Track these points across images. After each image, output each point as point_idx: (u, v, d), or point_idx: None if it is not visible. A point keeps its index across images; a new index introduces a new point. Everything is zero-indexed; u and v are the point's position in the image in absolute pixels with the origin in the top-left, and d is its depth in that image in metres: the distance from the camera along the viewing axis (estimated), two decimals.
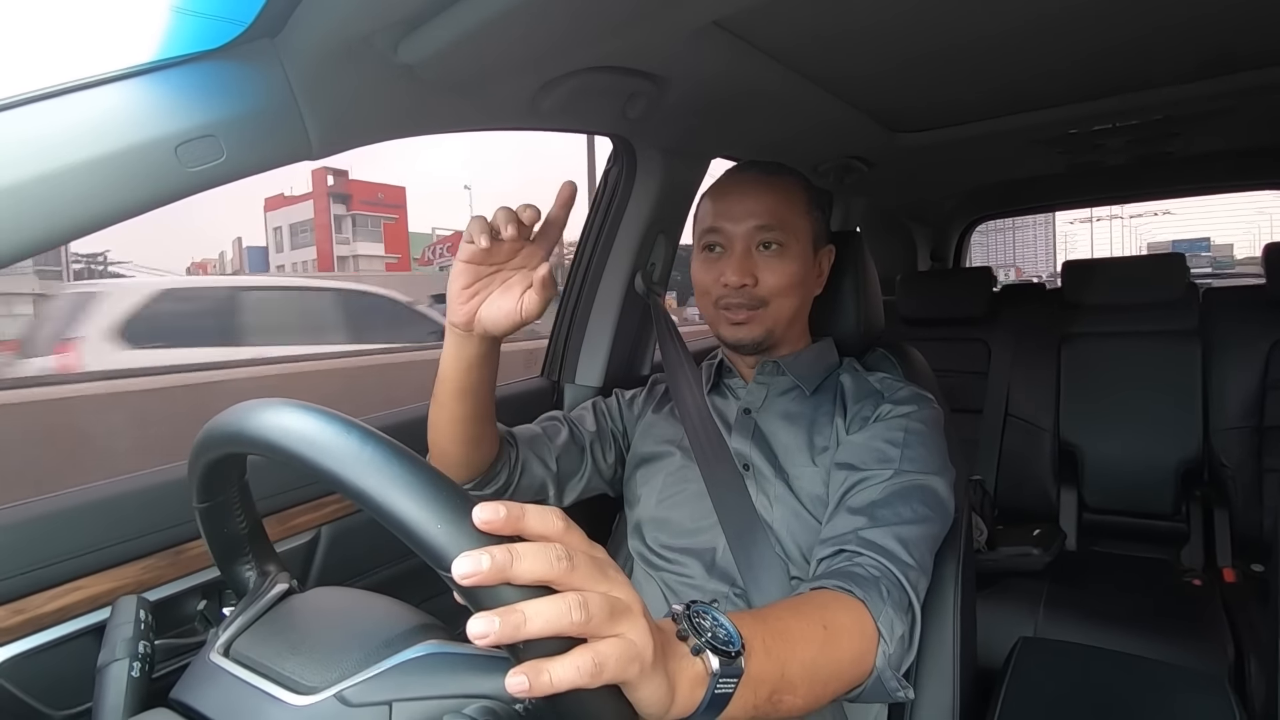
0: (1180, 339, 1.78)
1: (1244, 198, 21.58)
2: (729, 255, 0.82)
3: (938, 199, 2.24)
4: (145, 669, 0.53)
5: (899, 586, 0.62)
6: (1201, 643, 1.29)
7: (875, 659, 0.57)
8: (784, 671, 0.48)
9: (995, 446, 1.88)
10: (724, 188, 0.85)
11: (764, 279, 0.80)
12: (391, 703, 0.43)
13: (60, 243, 0.57)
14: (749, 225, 0.81)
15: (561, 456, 0.88)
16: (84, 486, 0.73)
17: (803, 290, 0.84)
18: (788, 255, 0.81)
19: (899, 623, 0.59)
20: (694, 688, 0.41)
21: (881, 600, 0.59)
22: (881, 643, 0.58)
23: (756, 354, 0.86)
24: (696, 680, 0.41)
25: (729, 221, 0.82)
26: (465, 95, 0.82)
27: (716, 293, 0.82)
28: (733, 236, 0.81)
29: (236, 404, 0.44)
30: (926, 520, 0.69)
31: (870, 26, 0.89)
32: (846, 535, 0.66)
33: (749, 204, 0.81)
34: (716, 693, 0.42)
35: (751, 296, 0.81)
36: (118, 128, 0.57)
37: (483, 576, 0.32)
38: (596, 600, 0.34)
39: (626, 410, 0.96)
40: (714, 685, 0.41)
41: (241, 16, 0.60)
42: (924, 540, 0.68)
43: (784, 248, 0.81)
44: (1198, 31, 0.97)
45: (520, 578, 0.33)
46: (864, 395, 0.82)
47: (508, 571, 0.33)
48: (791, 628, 0.53)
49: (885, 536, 0.65)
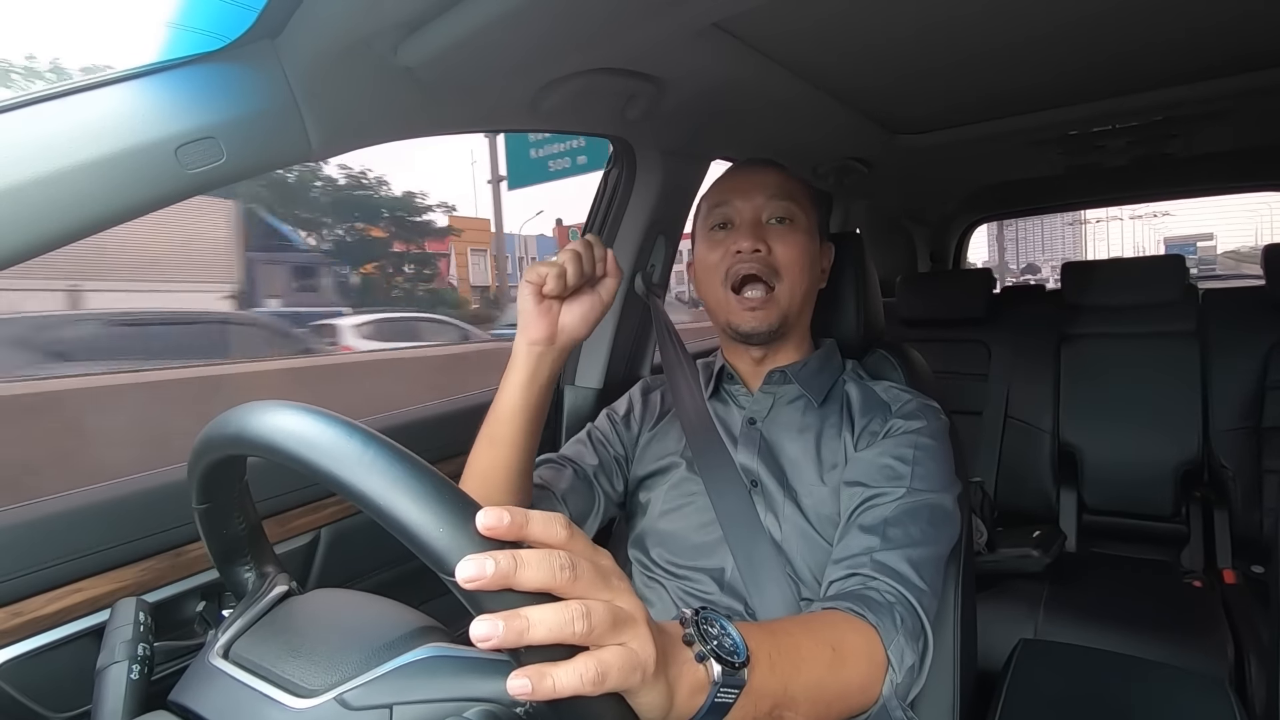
0: (1180, 340, 1.78)
1: (1251, 197, 21.62)
2: (739, 228, 0.81)
3: (937, 200, 2.24)
4: (144, 671, 0.53)
5: (913, 613, 0.61)
6: (1202, 644, 1.29)
7: (882, 688, 0.57)
8: (787, 688, 0.48)
9: (995, 448, 1.88)
10: (732, 172, 0.86)
11: (777, 249, 0.80)
12: (392, 706, 0.43)
13: (60, 245, 0.57)
14: (759, 198, 0.81)
15: (569, 497, 0.82)
16: (84, 488, 0.73)
17: (811, 274, 0.83)
18: (798, 229, 0.81)
19: (910, 652, 0.59)
20: (694, 693, 0.41)
21: (895, 629, 0.59)
22: (890, 672, 0.57)
23: (767, 345, 0.84)
24: (697, 686, 0.41)
25: (739, 197, 0.81)
26: (465, 97, 0.82)
27: (727, 264, 0.81)
28: (743, 209, 0.81)
29: (236, 405, 0.44)
30: (936, 541, 0.69)
31: (870, 29, 0.89)
32: (860, 557, 0.66)
33: (758, 179, 0.82)
34: (716, 701, 0.41)
35: (765, 263, 0.79)
36: (118, 129, 0.57)
37: (486, 581, 0.32)
38: (600, 610, 0.34)
39: (624, 432, 0.92)
40: (714, 694, 0.41)
41: (227, 32, 0.61)
42: (935, 561, 0.68)
43: (794, 222, 0.81)
44: (1197, 33, 0.97)
45: (523, 585, 0.33)
46: (871, 408, 0.81)
47: (511, 578, 0.33)
48: (800, 645, 0.52)
49: (898, 560, 0.65)
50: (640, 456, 0.89)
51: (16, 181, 0.53)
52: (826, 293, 0.91)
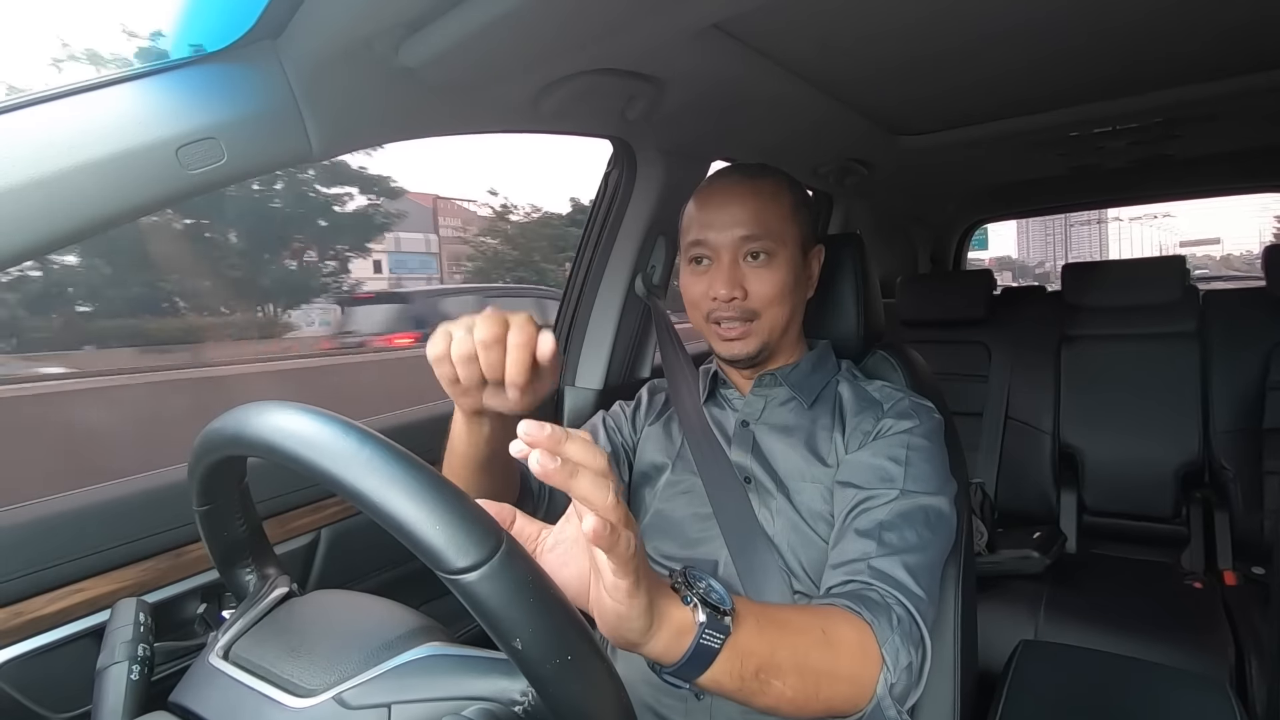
0: (1180, 341, 1.78)
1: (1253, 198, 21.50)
2: (717, 267, 0.80)
3: (938, 201, 2.24)
4: (145, 672, 0.53)
5: (910, 619, 0.61)
6: (1202, 645, 1.29)
7: (876, 686, 0.57)
8: (774, 653, 0.49)
9: (995, 449, 1.88)
10: (707, 196, 0.83)
11: (753, 290, 0.79)
12: (390, 705, 0.43)
13: (61, 245, 0.57)
14: (735, 235, 0.78)
15: None
16: (84, 489, 0.73)
17: (794, 297, 0.82)
18: (776, 263, 0.79)
19: (905, 653, 0.59)
20: (680, 635, 0.43)
21: (890, 628, 0.59)
22: (884, 670, 0.57)
23: (753, 367, 0.85)
24: (684, 627, 0.44)
25: (714, 232, 0.80)
26: (466, 98, 0.82)
27: (706, 306, 0.81)
28: (719, 248, 0.79)
29: (236, 406, 0.44)
30: (932, 545, 0.68)
31: (870, 30, 0.89)
32: (858, 563, 0.66)
33: (733, 212, 0.79)
34: (701, 643, 0.44)
35: (742, 309, 0.79)
36: (119, 130, 0.57)
37: (543, 440, 0.36)
38: (620, 499, 0.39)
39: (632, 423, 0.94)
40: (700, 636, 0.44)
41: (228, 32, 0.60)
42: (931, 567, 0.67)
43: (771, 256, 0.79)
44: (1197, 35, 0.97)
45: (570, 454, 0.37)
46: (863, 407, 0.81)
47: (562, 445, 0.37)
48: (790, 618, 0.54)
49: (895, 566, 0.65)
50: (641, 450, 0.91)
51: (18, 182, 0.53)
52: (828, 294, 0.91)
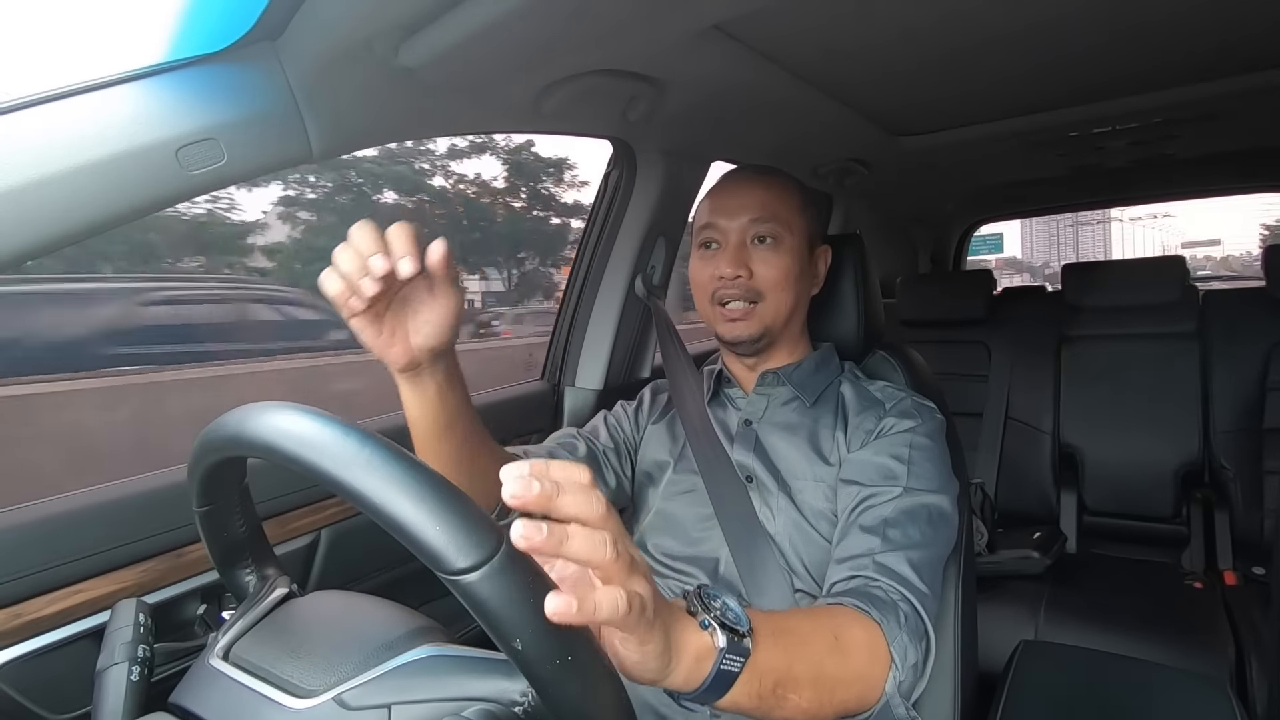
0: (1180, 341, 1.78)
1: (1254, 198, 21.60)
2: (724, 249, 0.82)
3: (938, 201, 2.24)
4: (144, 673, 0.53)
5: (915, 614, 0.62)
6: (1203, 645, 1.29)
7: (885, 684, 0.57)
8: (791, 667, 0.49)
9: (995, 449, 1.88)
10: (719, 188, 0.87)
11: (759, 271, 0.81)
12: (390, 705, 0.43)
13: (61, 246, 0.57)
14: (743, 219, 0.82)
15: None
16: (84, 490, 0.73)
17: (798, 286, 0.84)
18: (782, 248, 0.82)
19: (913, 651, 0.59)
20: (700, 661, 0.42)
21: (898, 626, 0.59)
22: (893, 669, 0.57)
23: (754, 354, 0.86)
24: (703, 653, 0.42)
25: (724, 217, 0.83)
26: (466, 98, 0.82)
27: (712, 287, 0.83)
28: (728, 231, 0.82)
29: (236, 407, 0.44)
30: (935, 542, 0.69)
31: (870, 30, 0.89)
32: (862, 559, 0.66)
33: (743, 199, 0.83)
34: (722, 668, 0.42)
35: (747, 288, 0.81)
36: (119, 131, 0.57)
37: (532, 499, 0.33)
38: (621, 550, 0.36)
39: (635, 422, 0.95)
40: (720, 661, 0.42)
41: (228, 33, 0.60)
42: (934, 564, 0.68)
43: (778, 241, 0.82)
44: (1197, 34, 0.97)
45: (561, 511, 0.35)
46: (865, 406, 0.82)
47: (553, 502, 0.34)
48: (802, 627, 0.53)
49: (899, 562, 0.65)
50: (644, 449, 0.92)
51: (18, 183, 0.53)
52: (827, 294, 0.91)
